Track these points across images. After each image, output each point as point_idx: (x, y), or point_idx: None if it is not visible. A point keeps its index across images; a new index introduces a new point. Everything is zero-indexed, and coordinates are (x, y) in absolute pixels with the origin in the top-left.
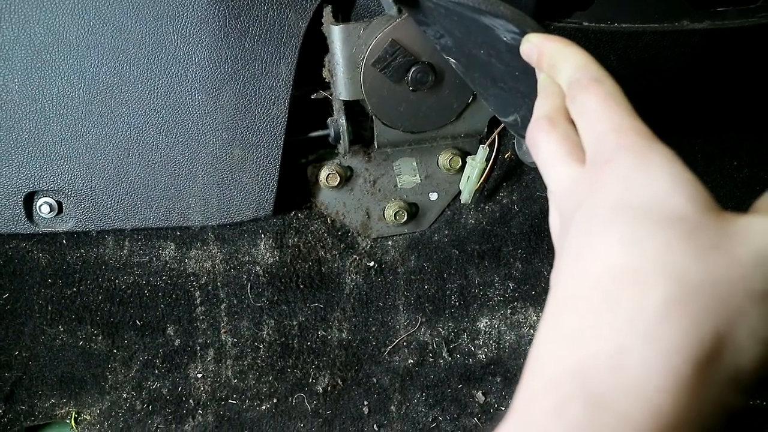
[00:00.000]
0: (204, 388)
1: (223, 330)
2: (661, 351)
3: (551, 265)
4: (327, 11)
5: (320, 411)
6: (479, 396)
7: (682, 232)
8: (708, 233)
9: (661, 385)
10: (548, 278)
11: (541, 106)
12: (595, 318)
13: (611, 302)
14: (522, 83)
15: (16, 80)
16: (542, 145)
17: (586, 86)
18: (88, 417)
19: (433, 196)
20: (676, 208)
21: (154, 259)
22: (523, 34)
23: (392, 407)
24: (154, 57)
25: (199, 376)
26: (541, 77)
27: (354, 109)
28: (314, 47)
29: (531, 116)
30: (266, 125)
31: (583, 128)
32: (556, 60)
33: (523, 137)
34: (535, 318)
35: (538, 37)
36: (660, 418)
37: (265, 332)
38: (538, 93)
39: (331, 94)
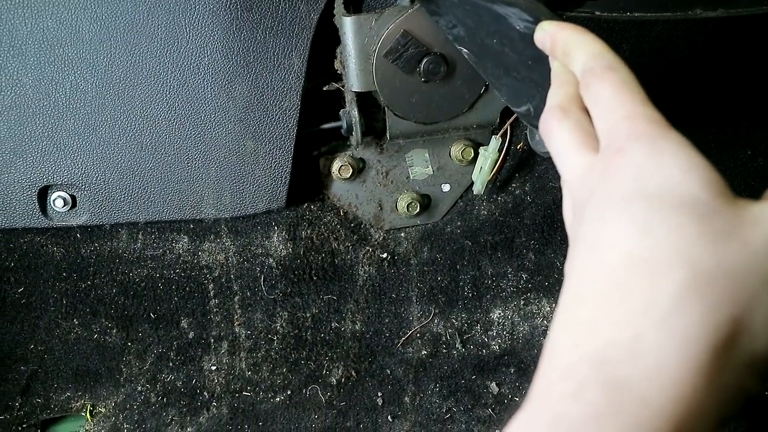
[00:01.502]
0: (218, 380)
1: (236, 322)
2: (678, 337)
3: (564, 256)
4: (338, 2)
5: (334, 402)
6: (493, 387)
7: (696, 217)
8: (721, 219)
9: (679, 370)
10: (561, 269)
11: (554, 95)
12: (611, 305)
13: (626, 290)
14: (535, 72)
15: (29, 75)
16: (555, 134)
17: (601, 74)
18: (103, 410)
19: (446, 188)
20: (688, 194)
21: (168, 252)
22: (536, 22)
23: (406, 398)
24: (167, 50)
25: (213, 368)
26: (554, 66)
27: (366, 101)
28: (326, 39)
29: (544, 106)
30: (279, 117)
31: (597, 116)
32: (570, 48)
33: (536, 127)
34: (549, 309)
35: (552, 24)
36: (679, 402)
37: (279, 324)
38: (552, 82)
39: (343, 86)
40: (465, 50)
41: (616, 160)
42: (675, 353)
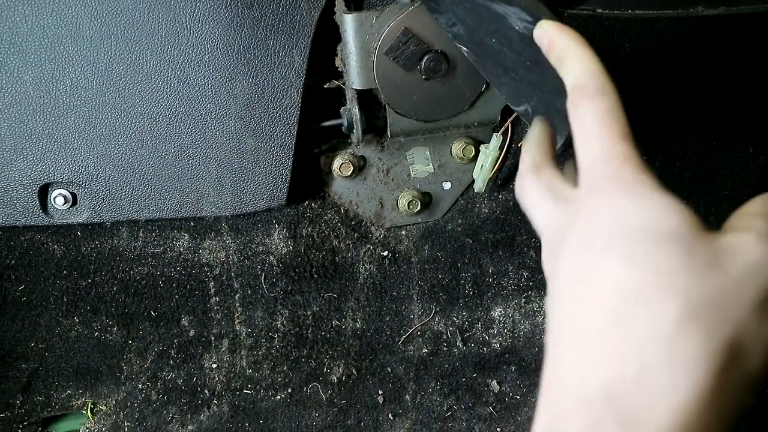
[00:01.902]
0: (219, 378)
1: (237, 320)
2: (682, 368)
3: None
4: (339, 0)
5: (335, 400)
6: (494, 385)
7: (681, 250)
8: (702, 252)
9: (686, 398)
10: None
11: (527, 154)
12: (612, 339)
13: (624, 323)
14: (533, 73)
15: (29, 72)
16: (529, 193)
17: (591, 97)
18: (104, 408)
19: (447, 186)
20: (669, 230)
21: (168, 249)
22: (536, 22)
23: (407, 396)
24: (167, 47)
25: (214, 366)
26: (529, 133)
27: (367, 98)
28: (327, 36)
29: (542, 107)
30: (279, 115)
31: (578, 140)
32: (566, 55)
33: None
34: None
35: (552, 26)
36: (688, 427)
37: (280, 322)
38: (526, 139)
39: (343, 83)
40: (465, 49)
41: (593, 199)
42: (681, 383)
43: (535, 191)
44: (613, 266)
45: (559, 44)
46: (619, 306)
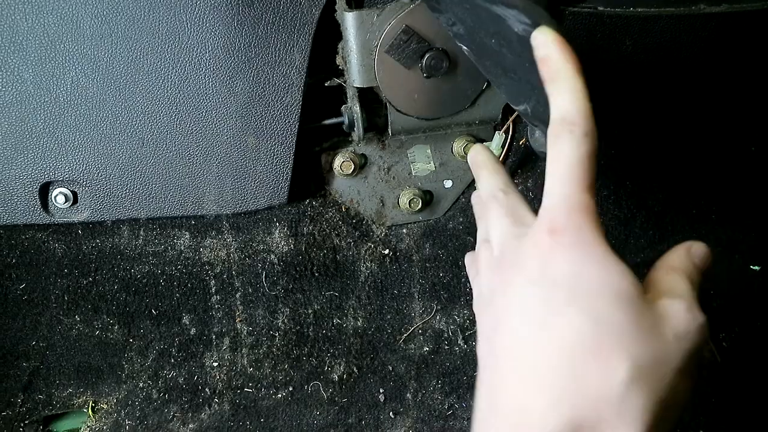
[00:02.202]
0: (220, 376)
1: (238, 319)
2: (630, 421)
3: None
4: None
5: (336, 399)
6: None
7: (632, 313)
8: (647, 316)
9: None
10: None
11: (493, 175)
12: (570, 386)
13: (582, 373)
14: (533, 75)
15: (30, 70)
16: (490, 212)
17: (579, 138)
18: (105, 406)
19: (448, 184)
20: (625, 293)
21: (169, 248)
22: (535, 25)
23: (408, 395)
24: (168, 46)
25: (215, 364)
26: (484, 156)
27: (368, 97)
28: (328, 34)
29: (541, 107)
30: (280, 113)
31: (549, 172)
32: (560, 78)
33: (535, 126)
34: None
35: (554, 38)
36: None
37: (281, 321)
38: (483, 161)
39: (344, 82)
40: (465, 48)
41: (555, 245)
42: None
43: (502, 210)
44: (575, 319)
45: (556, 62)
46: (579, 355)
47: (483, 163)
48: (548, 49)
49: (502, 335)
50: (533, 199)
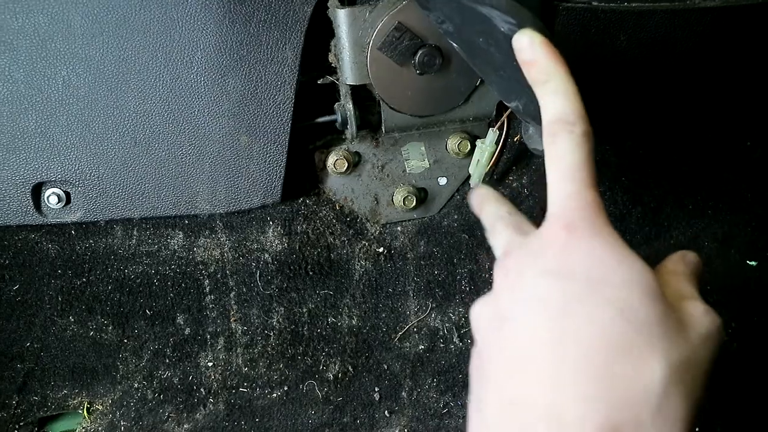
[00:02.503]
0: (215, 376)
1: (232, 318)
2: (669, 425)
3: None
4: None
5: (331, 398)
6: None
7: (660, 310)
8: (672, 315)
9: None
10: None
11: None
12: (603, 387)
13: (614, 373)
14: (521, 73)
15: (21, 70)
16: (497, 229)
17: (578, 137)
18: (100, 407)
19: (442, 181)
20: (650, 287)
21: (163, 248)
22: (520, 25)
23: (403, 393)
24: (159, 44)
25: (210, 364)
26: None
27: (361, 94)
28: (320, 31)
29: (531, 105)
30: (273, 111)
31: (553, 172)
32: (551, 79)
33: (528, 122)
34: None
35: (537, 40)
36: None
37: (275, 320)
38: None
39: (337, 79)
40: (455, 45)
41: (571, 237)
42: None
43: (502, 227)
44: (599, 313)
45: (544, 64)
46: (608, 355)
47: (488, 196)
48: (534, 52)
49: (512, 330)
50: (528, 196)
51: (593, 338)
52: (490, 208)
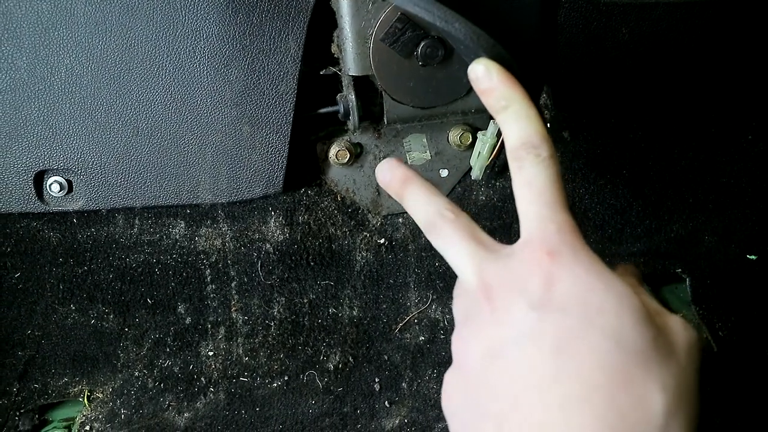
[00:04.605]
0: (215, 365)
1: (233, 308)
2: None
3: None
4: None
5: (331, 388)
6: None
7: (651, 335)
8: (660, 336)
9: None
10: None
11: (429, 205)
12: (608, 422)
13: (618, 405)
14: None
15: (24, 58)
16: (448, 232)
17: (545, 160)
18: (100, 395)
19: (444, 173)
20: (639, 310)
21: (165, 237)
22: (474, 56)
23: (403, 384)
24: (162, 34)
25: (210, 354)
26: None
27: (363, 85)
28: (323, 22)
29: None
30: (275, 101)
31: (523, 197)
32: (511, 105)
33: None
34: None
35: (494, 69)
36: None
37: (276, 310)
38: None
39: (340, 70)
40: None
41: (551, 263)
42: None
43: (454, 232)
44: (597, 346)
45: (503, 91)
46: (610, 389)
47: (409, 175)
48: (491, 80)
49: (505, 368)
50: None
51: (594, 373)
52: (420, 198)
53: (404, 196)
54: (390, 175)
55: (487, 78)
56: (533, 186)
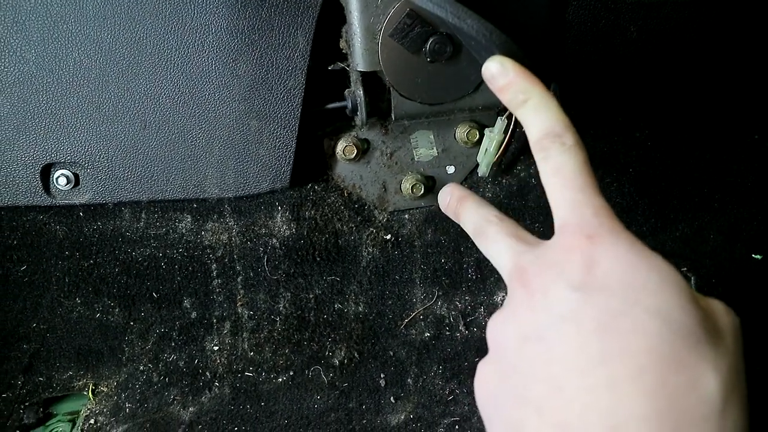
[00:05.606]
0: (220, 360)
1: (239, 303)
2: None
3: None
4: None
5: (337, 383)
6: None
7: (698, 315)
8: (706, 318)
9: None
10: None
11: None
12: (664, 405)
13: (671, 388)
14: None
15: (32, 51)
16: (494, 236)
17: (571, 147)
18: (105, 389)
19: (450, 170)
20: (685, 289)
21: (171, 231)
22: (487, 54)
23: (409, 380)
24: (171, 27)
25: (216, 348)
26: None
27: (371, 81)
28: (331, 18)
29: None
30: (283, 96)
31: (554, 185)
32: (529, 98)
33: None
34: None
35: (509, 66)
36: None
37: (282, 305)
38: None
39: (348, 66)
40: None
41: (590, 245)
42: None
43: (497, 233)
44: (644, 326)
45: (521, 86)
46: (661, 370)
47: (465, 194)
48: (507, 75)
49: (544, 351)
50: (535, 186)
51: (642, 353)
52: (472, 209)
53: (459, 213)
54: (449, 197)
55: (503, 74)
56: (563, 173)
